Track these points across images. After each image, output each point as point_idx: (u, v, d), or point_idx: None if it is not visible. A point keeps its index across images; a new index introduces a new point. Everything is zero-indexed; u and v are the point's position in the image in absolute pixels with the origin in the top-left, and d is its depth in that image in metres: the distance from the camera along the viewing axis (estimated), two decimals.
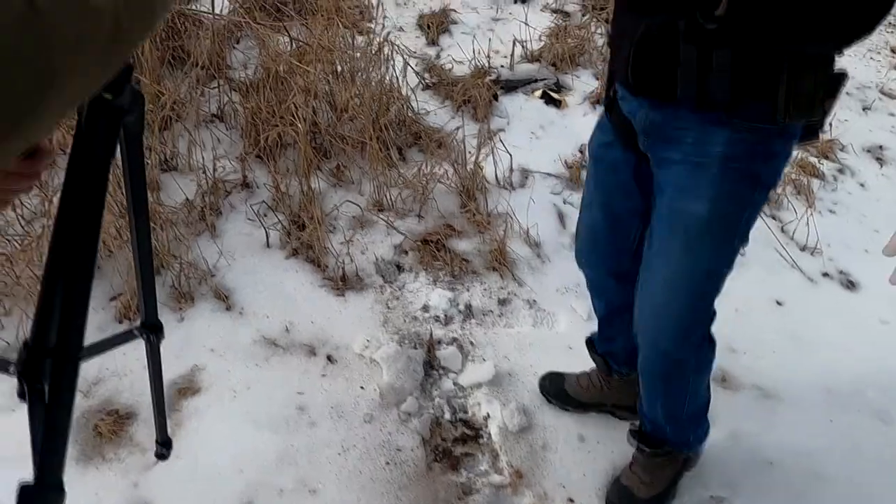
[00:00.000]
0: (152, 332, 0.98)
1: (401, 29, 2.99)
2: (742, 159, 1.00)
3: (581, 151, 2.50)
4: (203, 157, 2.16)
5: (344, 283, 1.90)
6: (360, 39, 2.60)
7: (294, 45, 2.47)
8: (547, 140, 2.55)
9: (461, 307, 1.87)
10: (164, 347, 1.72)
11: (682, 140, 1.02)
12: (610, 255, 1.27)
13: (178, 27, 2.49)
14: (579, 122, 2.61)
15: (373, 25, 2.83)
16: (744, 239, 1.10)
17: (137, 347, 1.07)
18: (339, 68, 2.36)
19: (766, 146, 1.00)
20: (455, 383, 1.67)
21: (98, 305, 1.75)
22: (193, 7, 2.59)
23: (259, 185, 2.17)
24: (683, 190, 1.04)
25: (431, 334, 1.77)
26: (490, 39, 2.93)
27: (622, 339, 1.38)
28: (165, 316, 1.74)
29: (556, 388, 1.57)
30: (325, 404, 1.57)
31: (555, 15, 3.24)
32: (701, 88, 0.95)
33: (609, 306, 1.37)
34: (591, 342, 1.48)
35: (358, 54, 2.33)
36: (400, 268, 1.98)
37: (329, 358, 1.69)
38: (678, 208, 1.05)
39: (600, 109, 1.33)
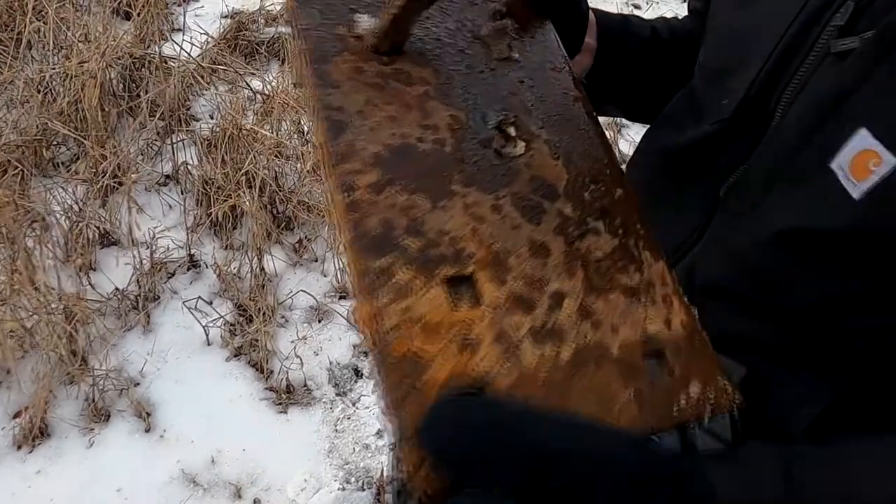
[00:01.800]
0: None
1: None
2: None
3: None
4: (147, 231, 1.91)
5: (288, 396, 1.62)
6: None
7: (259, 98, 2.21)
8: None
9: None
10: (65, 486, 1.49)
11: None
12: None
13: (135, 76, 2.25)
14: None
15: None
16: None
17: None
18: (305, 128, 2.08)
19: None
20: None
21: None
22: (154, 51, 2.35)
23: (207, 265, 1.91)
24: None
25: (383, 472, 1.48)
26: None
27: None
28: (72, 441, 1.49)
29: None
30: None
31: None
32: None
33: None
34: None
35: None
36: (358, 373, 1.70)
37: (255, 503, 1.42)
38: None
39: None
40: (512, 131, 0.39)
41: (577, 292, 0.32)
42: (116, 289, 1.74)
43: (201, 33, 2.46)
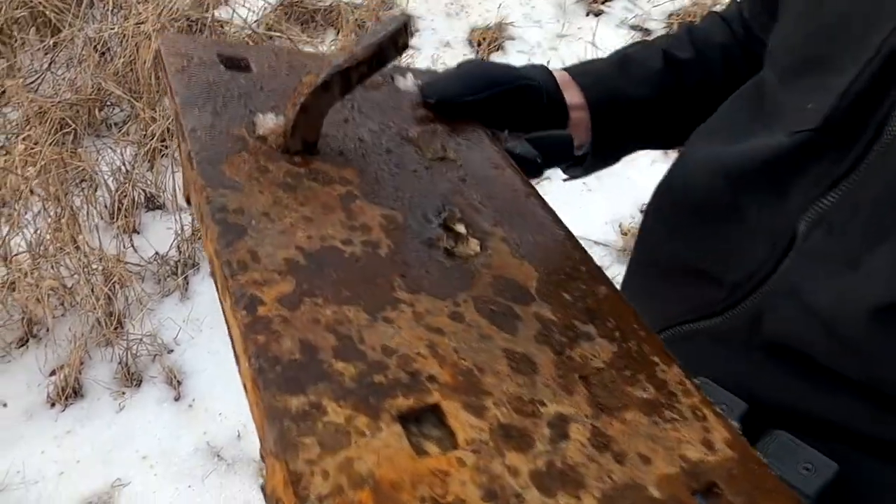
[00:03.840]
0: None
1: (447, 45, 2.61)
2: None
3: (642, 212, 2.05)
4: None
5: None
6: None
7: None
8: (602, 194, 2.12)
9: None
10: (92, 447, 1.49)
11: None
12: None
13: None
14: (644, 174, 2.15)
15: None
16: None
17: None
18: None
19: None
20: None
21: (32, 382, 1.51)
22: (216, 14, 2.32)
23: None
24: None
25: None
26: (549, 61, 2.50)
27: None
28: (103, 403, 1.48)
29: None
30: None
31: (632, 33, 2.76)
32: None
33: None
34: None
35: None
36: None
37: None
38: None
39: (673, 156, 0.79)
40: (461, 229, 0.32)
41: (584, 414, 0.24)
42: (157, 253, 1.73)
43: None
